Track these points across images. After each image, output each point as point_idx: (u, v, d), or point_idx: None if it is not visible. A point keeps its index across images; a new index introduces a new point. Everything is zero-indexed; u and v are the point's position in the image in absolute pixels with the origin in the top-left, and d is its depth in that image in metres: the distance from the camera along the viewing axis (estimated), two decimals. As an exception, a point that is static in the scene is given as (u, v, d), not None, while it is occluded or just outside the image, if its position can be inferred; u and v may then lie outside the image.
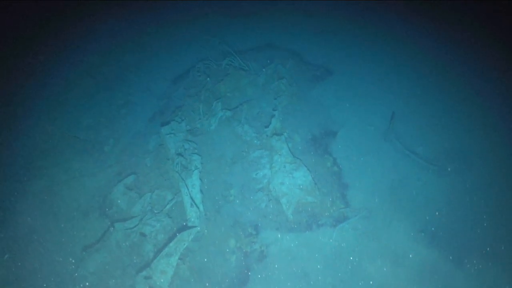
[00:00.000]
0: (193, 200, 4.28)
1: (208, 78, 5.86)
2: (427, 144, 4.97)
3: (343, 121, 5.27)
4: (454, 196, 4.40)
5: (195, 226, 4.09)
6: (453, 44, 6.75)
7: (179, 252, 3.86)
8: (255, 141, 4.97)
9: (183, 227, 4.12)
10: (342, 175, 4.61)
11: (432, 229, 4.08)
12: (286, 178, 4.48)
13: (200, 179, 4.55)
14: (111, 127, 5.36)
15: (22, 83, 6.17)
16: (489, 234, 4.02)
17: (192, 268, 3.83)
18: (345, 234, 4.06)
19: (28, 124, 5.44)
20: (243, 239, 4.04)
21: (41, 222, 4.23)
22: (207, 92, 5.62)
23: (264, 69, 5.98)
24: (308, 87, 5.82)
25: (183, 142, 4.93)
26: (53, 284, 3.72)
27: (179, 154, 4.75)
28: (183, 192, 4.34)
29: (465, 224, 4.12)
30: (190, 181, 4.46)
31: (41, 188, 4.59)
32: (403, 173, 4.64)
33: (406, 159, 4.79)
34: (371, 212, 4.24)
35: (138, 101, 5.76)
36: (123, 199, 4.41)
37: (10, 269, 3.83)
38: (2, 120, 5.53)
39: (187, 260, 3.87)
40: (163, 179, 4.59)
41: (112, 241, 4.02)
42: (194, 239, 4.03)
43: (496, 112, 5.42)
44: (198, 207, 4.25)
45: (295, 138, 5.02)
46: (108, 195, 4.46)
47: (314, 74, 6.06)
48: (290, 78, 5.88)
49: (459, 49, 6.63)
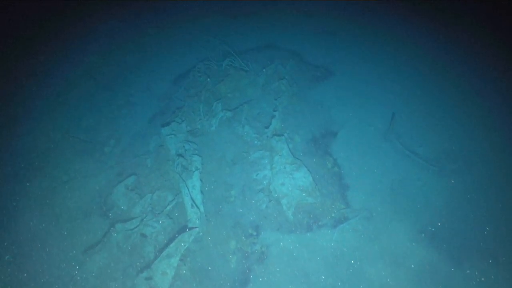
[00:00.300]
0: (193, 201, 4.29)
1: (208, 79, 5.87)
2: (427, 145, 4.98)
3: (344, 121, 5.28)
4: (454, 196, 4.40)
5: (196, 227, 4.10)
6: (453, 44, 6.75)
7: (179, 253, 3.87)
8: (256, 141, 4.97)
9: (184, 228, 4.12)
10: (342, 176, 4.61)
11: (432, 229, 4.09)
12: (286, 179, 4.49)
13: (201, 180, 4.56)
14: (112, 127, 5.36)
15: (22, 83, 6.17)
16: (489, 235, 4.03)
17: (192, 269, 3.83)
18: (345, 234, 4.07)
19: (28, 124, 5.44)
20: (243, 240, 4.04)
21: (41, 223, 4.23)
22: (207, 93, 5.62)
23: (264, 69, 5.99)
24: (309, 88, 5.83)
25: (184, 143, 4.93)
26: (53, 285, 3.72)
27: (180, 155, 4.76)
28: (183, 193, 4.35)
29: (465, 224, 4.13)
30: (190, 182, 4.46)
31: (41, 188, 4.59)
32: (404, 173, 4.65)
33: (406, 159, 4.80)
34: (372, 213, 4.24)
35: (138, 101, 5.76)
36: (124, 200, 4.42)
37: (9, 270, 3.83)
38: (2, 120, 5.53)
39: (188, 261, 3.88)
40: (164, 180, 4.59)
41: (113, 242, 4.02)
42: (195, 240, 4.03)
43: (496, 112, 5.43)
44: (198, 208, 4.25)
45: (295, 138, 5.03)
46: (108, 196, 4.46)
47: (315, 75, 6.07)
48: (291, 78, 5.88)
49: (459, 49, 6.64)
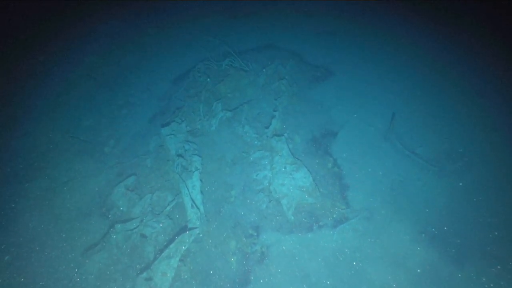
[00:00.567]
0: (193, 201, 4.28)
1: (208, 79, 5.86)
2: (427, 145, 4.98)
3: (344, 121, 5.27)
4: (454, 196, 4.40)
5: (196, 228, 4.09)
6: (453, 44, 6.75)
7: (179, 254, 3.86)
8: (256, 142, 4.97)
9: (184, 228, 4.12)
10: (342, 176, 4.61)
11: (433, 229, 4.08)
12: (286, 179, 4.48)
13: (201, 180, 4.55)
14: (112, 128, 5.35)
15: (22, 83, 6.17)
16: (489, 235, 4.03)
17: (192, 269, 3.83)
18: (346, 235, 4.06)
19: (28, 124, 5.44)
20: (243, 241, 4.04)
21: (41, 224, 4.23)
22: (207, 93, 5.61)
23: (264, 69, 5.98)
24: (309, 88, 5.82)
25: (184, 143, 4.93)
26: (52, 285, 3.72)
27: (180, 155, 4.75)
28: (183, 193, 4.34)
29: (465, 224, 4.12)
30: (190, 182, 4.46)
31: (40, 189, 4.59)
32: (404, 173, 4.64)
33: (407, 159, 4.80)
34: (372, 213, 4.24)
35: (138, 102, 5.76)
36: (123, 200, 4.41)
37: (9, 271, 3.82)
38: (2, 120, 5.53)
39: (188, 262, 3.87)
40: (164, 180, 4.59)
41: (112, 242, 4.01)
42: (195, 241, 4.03)
43: (496, 112, 5.42)
44: (198, 208, 4.25)
45: (295, 138, 5.02)
46: (108, 197, 4.46)
47: (315, 75, 6.06)
48: (291, 78, 5.87)
49: (459, 49, 6.63)
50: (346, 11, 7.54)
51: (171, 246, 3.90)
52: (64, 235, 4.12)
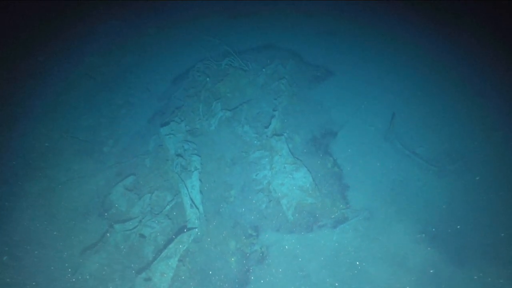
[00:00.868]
0: (192, 201, 4.27)
1: (208, 78, 5.85)
2: (427, 145, 4.96)
3: (344, 121, 5.26)
4: (454, 196, 4.39)
5: (195, 228, 4.08)
6: (453, 44, 6.74)
7: (178, 254, 3.85)
8: (255, 141, 4.95)
9: (183, 228, 4.10)
10: (342, 176, 4.59)
11: (433, 229, 4.07)
12: (286, 179, 4.47)
13: (200, 180, 4.54)
14: (111, 127, 5.34)
15: (22, 83, 6.16)
16: (489, 235, 4.01)
17: (192, 269, 3.81)
18: (345, 235, 4.05)
19: (28, 124, 5.43)
20: (243, 240, 4.02)
21: (40, 223, 4.21)
22: (207, 92, 5.60)
23: (264, 69, 5.97)
24: (308, 88, 5.81)
25: (183, 142, 4.91)
26: (51, 285, 3.70)
27: (179, 155, 4.74)
28: (182, 193, 4.32)
29: (465, 224, 4.11)
30: (189, 182, 4.44)
31: (40, 189, 4.58)
32: (404, 173, 4.63)
33: (407, 159, 4.78)
34: (372, 213, 4.22)
35: (137, 101, 5.75)
36: (122, 200, 4.40)
37: (8, 271, 3.81)
38: (2, 120, 5.52)
39: (187, 262, 3.86)
40: (163, 180, 4.57)
41: (111, 242, 4.00)
42: (194, 241, 4.01)
43: (496, 112, 5.41)
44: (198, 208, 4.23)
45: (295, 138, 5.01)
46: (107, 196, 4.44)
47: (314, 75, 6.05)
48: (290, 78, 5.86)
49: (459, 49, 6.62)
50: (346, 11, 7.53)
51: (170, 246, 3.88)
52: (62, 235, 4.10)
